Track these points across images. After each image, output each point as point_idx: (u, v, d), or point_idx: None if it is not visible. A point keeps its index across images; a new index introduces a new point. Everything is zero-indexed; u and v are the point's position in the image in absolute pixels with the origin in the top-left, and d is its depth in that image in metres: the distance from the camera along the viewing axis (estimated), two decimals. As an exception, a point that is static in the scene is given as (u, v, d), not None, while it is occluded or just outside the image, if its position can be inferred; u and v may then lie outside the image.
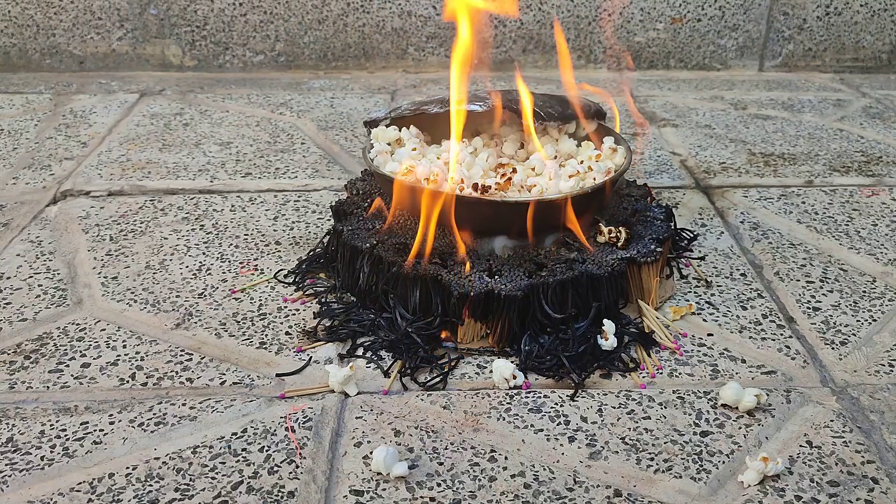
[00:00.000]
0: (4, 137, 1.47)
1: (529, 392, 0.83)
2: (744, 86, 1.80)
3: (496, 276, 0.88)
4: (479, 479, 0.72)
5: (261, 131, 1.51)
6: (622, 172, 0.98)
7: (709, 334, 0.92)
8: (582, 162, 0.99)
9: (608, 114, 1.11)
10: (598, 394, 0.83)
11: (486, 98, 1.04)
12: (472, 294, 0.85)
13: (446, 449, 0.75)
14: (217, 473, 0.72)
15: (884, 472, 0.73)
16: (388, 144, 1.04)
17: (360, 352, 0.88)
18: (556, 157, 1.02)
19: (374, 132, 1.05)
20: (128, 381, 0.84)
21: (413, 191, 0.91)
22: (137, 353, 0.88)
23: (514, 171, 0.97)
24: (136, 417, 0.79)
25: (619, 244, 0.94)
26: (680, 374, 0.86)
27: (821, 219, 1.20)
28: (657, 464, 0.74)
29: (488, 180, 0.95)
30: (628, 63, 1.07)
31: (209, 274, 1.04)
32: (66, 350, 0.89)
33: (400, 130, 1.06)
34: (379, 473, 0.72)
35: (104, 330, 0.92)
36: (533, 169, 0.98)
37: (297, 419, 0.79)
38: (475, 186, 0.91)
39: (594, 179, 0.95)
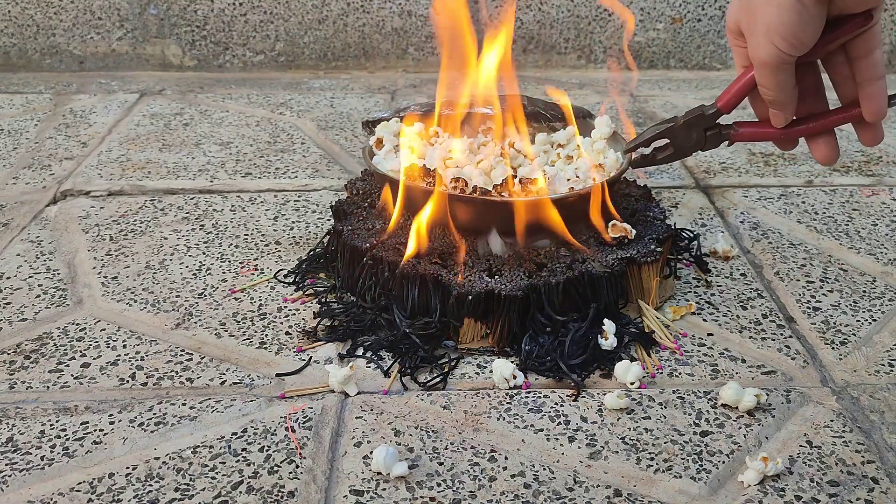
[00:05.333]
0: (4, 137, 1.47)
1: (529, 392, 0.83)
2: (744, 86, 1.80)
3: (496, 276, 0.88)
4: (479, 479, 0.72)
5: (261, 131, 1.51)
6: (622, 173, 0.98)
7: (709, 334, 0.92)
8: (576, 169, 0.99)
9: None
10: (598, 394, 0.83)
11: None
12: (470, 297, 0.85)
13: (446, 449, 0.75)
14: (217, 473, 0.72)
15: (884, 472, 0.73)
16: (395, 136, 1.04)
17: (360, 352, 0.88)
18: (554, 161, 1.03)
19: (379, 128, 1.06)
20: (128, 381, 0.84)
21: (417, 191, 0.92)
22: (137, 352, 0.88)
23: (515, 172, 0.97)
24: (136, 417, 0.79)
25: (610, 238, 0.94)
26: (680, 374, 0.86)
27: (821, 219, 1.20)
28: (657, 464, 0.74)
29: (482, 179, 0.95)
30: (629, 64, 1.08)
31: (209, 274, 1.04)
32: (66, 350, 0.89)
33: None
34: (379, 473, 0.72)
35: (104, 330, 0.92)
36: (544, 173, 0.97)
37: (297, 419, 0.79)
38: (475, 188, 0.91)
39: (593, 180, 0.95)
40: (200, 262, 1.06)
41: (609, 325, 0.87)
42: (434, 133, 1.05)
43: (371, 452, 0.74)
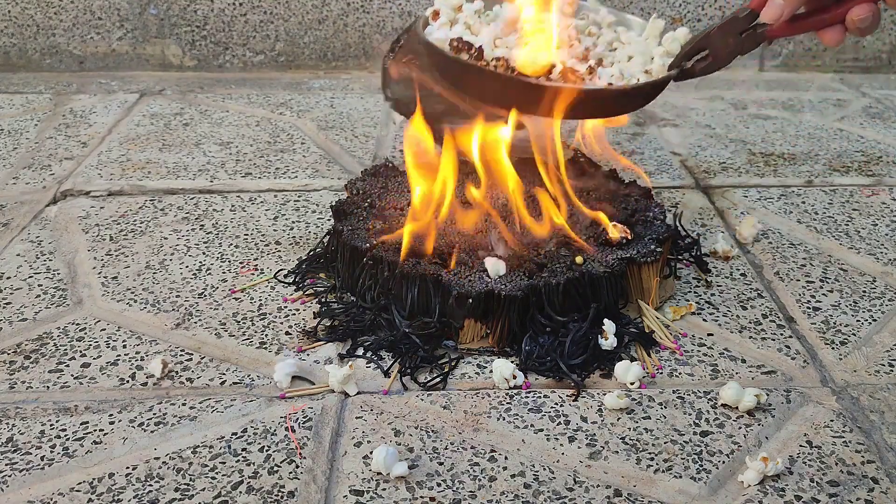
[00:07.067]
0: (4, 137, 1.47)
1: (529, 392, 0.83)
2: (744, 85, 1.80)
3: (496, 276, 0.88)
4: (479, 479, 0.72)
5: (261, 131, 1.51)
6: (666, 81, 0.90)
7: (709, 334, 0.92)
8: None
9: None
10: (598, 394, 0.83)
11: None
12: (470, 299, 0.85)
13: (446, 449, 0.75)
14: (217, 473, 0.72)
15: (884, 471, 0.73)
16: (452, 10, 0.95)
17: (360, 352, 0.88)
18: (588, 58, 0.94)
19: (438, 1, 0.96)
20: (128, 381, 0.84)
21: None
22: (137, 353, 0.88)
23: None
24: (136, 417, 0.79)
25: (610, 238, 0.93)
26: (680, 374, 0.86)
27: (821, 219, 1.20)
28: (657, 464, 0.74)
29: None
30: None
31: (209, 274, 1.04)
32: (66, 350, 0.89)
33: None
34: (379, 473, 0.72)
35: (104, 330, 0.92)
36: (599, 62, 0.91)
37: (297, 419, 0.79)
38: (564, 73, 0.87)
39: (637, 80, 0.89)
40: (200, 262, 1.06)
41: (609, 325, 0.87)
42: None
43: (371, 452, 0.74)
